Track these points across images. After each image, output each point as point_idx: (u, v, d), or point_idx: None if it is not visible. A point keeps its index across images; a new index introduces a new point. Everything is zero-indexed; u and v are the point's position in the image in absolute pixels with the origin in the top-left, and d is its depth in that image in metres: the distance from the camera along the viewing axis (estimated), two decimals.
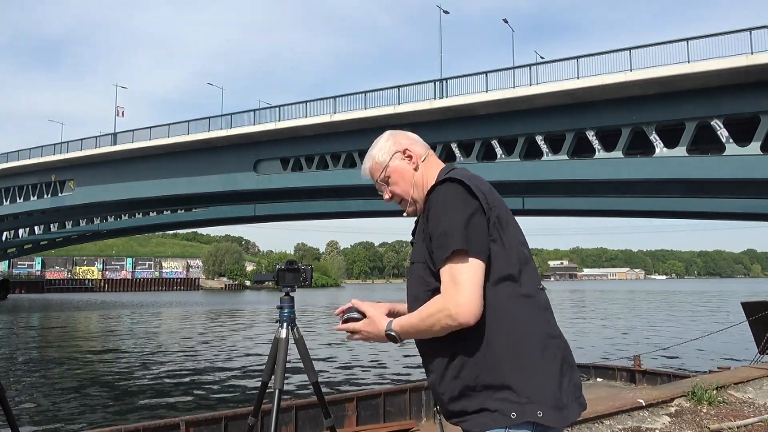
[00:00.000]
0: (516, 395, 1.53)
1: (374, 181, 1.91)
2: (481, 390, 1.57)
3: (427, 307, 1.61)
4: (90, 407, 11.13)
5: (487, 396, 1.56)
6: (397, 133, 1.92)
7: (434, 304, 1.59)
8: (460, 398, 1.60)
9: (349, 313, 1.78)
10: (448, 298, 1.56)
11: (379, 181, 1.88)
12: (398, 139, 1.88)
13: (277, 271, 2.81)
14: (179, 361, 17.19)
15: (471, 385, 1.58)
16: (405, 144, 1.87)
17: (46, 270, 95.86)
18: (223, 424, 6.08)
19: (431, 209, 1.64)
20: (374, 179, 1.90)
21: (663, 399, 5.18)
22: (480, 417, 1.56)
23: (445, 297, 1.57)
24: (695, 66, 20.46)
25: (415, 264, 1.72)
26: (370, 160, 1.90)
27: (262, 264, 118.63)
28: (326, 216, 45.94)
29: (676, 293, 77.54)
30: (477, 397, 1.57)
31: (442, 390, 1.63)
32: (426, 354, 1.70)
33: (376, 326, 1.73)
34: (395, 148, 1.86)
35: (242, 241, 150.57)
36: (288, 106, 32.36)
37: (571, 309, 43.82)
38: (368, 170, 1.91)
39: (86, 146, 40.96)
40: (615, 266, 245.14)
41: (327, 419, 2.89)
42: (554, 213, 38.74)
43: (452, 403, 1.62)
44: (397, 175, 1.84)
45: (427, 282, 1.66)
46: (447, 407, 1.64)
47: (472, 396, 1.58)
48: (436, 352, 1.65)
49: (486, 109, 25.40)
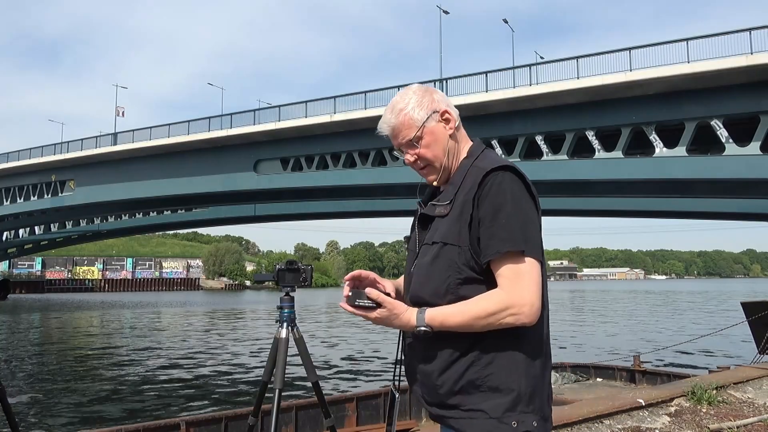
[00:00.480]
0: (521, 404, 1.48)
1: (398, 139, 1.65)
2: (486, 390, 1.48)
3: (483, 303, 1.47)
4: (90, 407, 11.13)
5: (488, 397, 1.48)
6: (431, 89, 1.68)
7: (495, 301, 1.46)
8: (459, 393, 1.50)
9: (359, 299, 1.56)
10: (515, 296, 1.45)
11: (406, 141, 1.64)
12: (435, 97, 1.65)
13: (277, 271, 2.81)
14: (179, 361, 17.18)
15: (478, 383, 1.49)
16: (443, 104, 1.65)
17: (47, 270, 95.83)
18: (223, 424, 6.08)
19: (491, 194, 1.49)
20: (400, 138, 1.65)
21: (663, 399, 5.18)
22: (477, 421, 1.48)
23: (511, 295, 1.45)
24: (695, 66, 20.47)
25: (447, 246, 1.52)
26: (399, 115, 1.63)
27: (262, 264, 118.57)
28: (326, 216, 45.96)
29: (676, 293, 77.53)
30: (478, 396, 1.49)
31: (443, 380, 1.51)
32: (435, 339, 1.52)
33: (399, 319, 1.52)
34: (434, 107, 1.63)
35: (242, 241, 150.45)
36: (288, 106, 32.39)
37: (572, 309, 43.81)
38: (394, 126, 1.64)
39: (86, 146, 40.99)
40: (615, 266, 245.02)
41: (327, 419, 2.89)
42: (554, 213, 38.74)
43: (450, 397, 1.51)
44: (431, 137, 1.62)
45: (460, 269, 1.50)
46: (442, 399, 1.53)
47: (473, 394, 1.49)
48: (450, 341, 1.51)
49: (486, 109, 25.40)
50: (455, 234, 1.51)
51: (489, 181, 1.50)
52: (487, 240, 1.48)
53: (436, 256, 1.53)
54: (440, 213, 1.57)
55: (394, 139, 1.66)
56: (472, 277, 1.51)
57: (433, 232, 1.58)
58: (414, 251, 1.66)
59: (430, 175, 1.66)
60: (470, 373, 1.49)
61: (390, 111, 1.65)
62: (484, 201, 1.49)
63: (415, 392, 1.64)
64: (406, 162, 1.68)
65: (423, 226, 1.64)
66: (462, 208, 1.52)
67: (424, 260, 1.57)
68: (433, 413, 1.58)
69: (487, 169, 1.52)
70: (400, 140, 1.65)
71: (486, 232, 1.48)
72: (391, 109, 1.65)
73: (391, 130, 1.65)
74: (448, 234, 1.52)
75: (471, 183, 1.54)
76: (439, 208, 1.58)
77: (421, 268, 1.57)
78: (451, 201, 1.56)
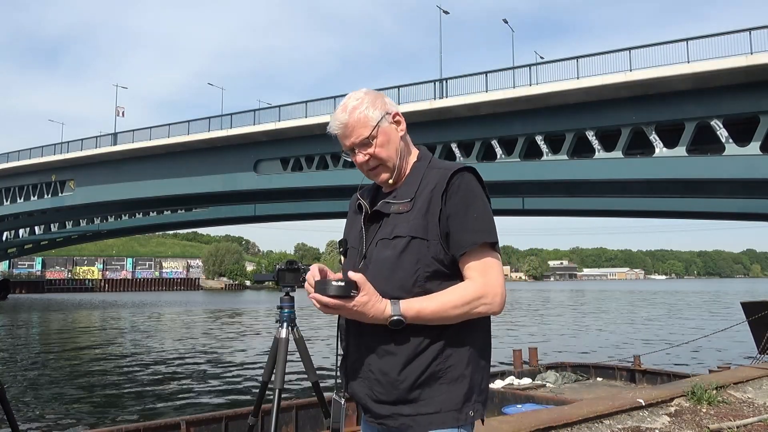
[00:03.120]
0: (475, 394, 1.55)
1: (350, 138, 1.64)
2: (445, 382, 1.51)
3: (460, 291, 1.51)
4: (90, 407, 11.13)
5: (447, 389, 1.51)
6: (381, 93, 1.72)
7: (471, 291, 1.51)
8: (419, 387, 1.51)
9: (330, 287, 1.44)
10: (488, 286, 1.52)
11: (361, 140, 1.63)
12: (386, 100, 1.70)
13: (277, 271, 2.81)
14: (179, 361, 17.18)
15: (439, 375, 1.51)
16: (394, 107, 1.70)
17: (47, 270, 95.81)
18: (223, 424, 6.09)
19: (460, 191, 1.55)
20: (353, 137, 1.64)
21: (663, 399, 5.18)
22: (436, 415, 1.50)
23: (485, 285, 1.52)
24: (695, 66, 20.47)
25: (414, 240, 1.53)
26: (354, 113, 1.63)
27: (262, 264, 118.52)
28: (326, 216, 45.91)
29: (676, 293, 77.51)
30: (437, 389, 1.51)
31: (405, 375, 1.50)
32: (397, 333, 1.50)
33: (375, 307, 1.48)
34: (386, 108, 1.67)
35: (242, 241, 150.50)
36: (288, 106, 32.38)
37: (572, 309, 43.81)
38: (347, 124, 1.64)
39: (86, 146, 40.97)
40: (615, 266, 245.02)
41: (327, 419, 2.89)
42: (554, 213, 38.75)
43: (410, 392, 1.51)
44: (385, 137, 1.64)
45: (429, 262, 1.53)
46: (400, 395, 1.51)
47: (432, 386, 1.51)
48: (415, 333, 1.51)
49: (486, 109, 25.40)
50: (422, 228, 1.55)
51: (456, 180, 1.57)
52: (460, 233, 1.54)
53: (403, 251, 1.54)
54: (399, 210, 1.60)
55: (346, 138, 1.65)
56: (440, 271, 1.55)
57: (390, 227, 1.59)
58: (357, 248, 1.67)
59: (381, 174, 1.67)
60: (433, 365, 1.51)
61: (342, 110, 1.66)
62: (453, 197, 1.55)
63: (357, 392, 1.60)
64: (356, 161, 1.67)
65: (372, 222, 1.66)
66: (429, 204, 1.56)
67: (386, 254, 1.57)
68: (379, 412, 1.55)
69: (452, 169, 1.58)
70: (353, 139, 1.64)
71: (458, 226, 1.54)
72: (343, 109, 1.66)
73: (344, 128, 1.65)
74: (414, 228, 1.55)
75: (434, 182, 1.59)
76: (396, 205, 1.61)
77: (383, 263, 1.56)
78: (412, 199, 1.60)
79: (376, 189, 1.75)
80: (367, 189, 1.79)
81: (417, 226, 1.55)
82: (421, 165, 1.67)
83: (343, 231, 1.82)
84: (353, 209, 1.78)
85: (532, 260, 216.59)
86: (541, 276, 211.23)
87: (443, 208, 1.55)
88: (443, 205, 1.55)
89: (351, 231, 1.74)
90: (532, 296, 69.27)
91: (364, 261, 1.62)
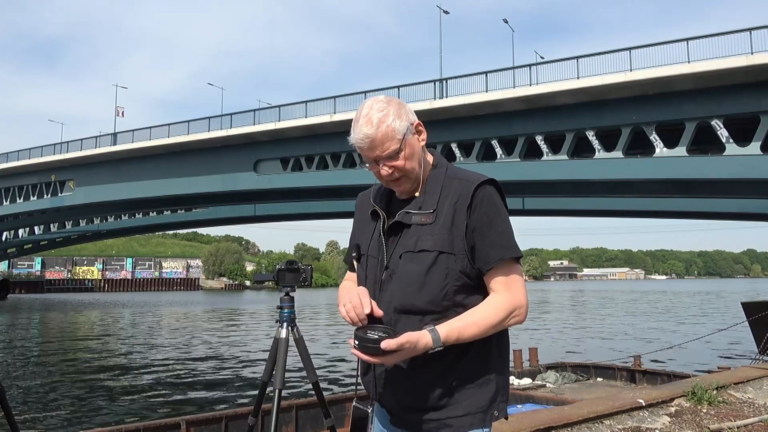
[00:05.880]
0: (500, 395, 1.62)
1: (376, 151, 1.58)
2: (474, 387, 1.57)
3: (493, 310, 1.54)
4: (90, 407, 11.13)
5: (475, 393, 1.57)
6: (400, 101, 1.65)
7: (503, 307, 1.55)
8: (451, 393, 1.56)
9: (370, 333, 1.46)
10: (516, 300, 1.58)
11: (387, 154, 1.57)
12: (408, 109, 1.63)
13: (277, 271, 2.81)
14: (179, 361, 17.18)
15: (470, 380, 1.58)
16: (414, 117, 1.64)
17: (46, 270, 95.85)
18: (223, 423, 6.08)
19: (483, 205, 1.56)
20: (379, 150, 1.57)
21: (663, 399, 5.18)
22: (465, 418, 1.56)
23: (513, 299, 1.57)
24: (695, 66, 20.45)
25: (442, 254, 1.54)
26: (381, 126, 1.56)
27: (262, 264, 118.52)
28: (326, 216, 45.90)
29: (676, 293, 77.48)
30: (466, 392, 1.57)
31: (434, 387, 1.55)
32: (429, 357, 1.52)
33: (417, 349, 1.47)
34: (410, 118, 1.61)
35: (242, 241, 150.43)
36: (288, 106, 32.35)
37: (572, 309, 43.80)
38: (374, 138, 1.56)
39: (86, 146, 40.95)
40: (615, 266, 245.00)
41: (327, 419, 2.89)
42: (554, 213, 38.72)
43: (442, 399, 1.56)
44: (410, 149, 1.60)
45: (457, 276, 1.55)
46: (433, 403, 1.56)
47: (461, 391, 1.57)
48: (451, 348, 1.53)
49: (486, 109, 25.39)
50: (448, 243, 1.55)
51: (480, 194, 1.57)
52: (486, 248, 1.56)
53: (432, 265, 1.54)
54: (421, 221, 1.58)
55: (371, 150, 1.58)
56: (467, 284, 1.57)
57: (412, 239, 1.58)
58: (377, 258, 1.64)
59: (402, 185, 1.63)
60: (462, 373, 1.57)
61: (367, 123, 1.56)
62: (476, 211, 1.56)
63: (385, 400, 1.64)
64: (381, 173, 1.61)
65: (393, 233, 1.63)
66: (453, 218, 1.56)
67: (413, 268, 1.56)
68: (409, 419, 1.59)
69: (476, 182, 1.58)
70: (379, 153, 1.57)
71: (484, 241, 1.56)
72: (367, 121, 1.56)
73: (370, 142, 1.56)
74: (440, 243, 1.55)
75: (457, 194, 1.58)
76: (419, 216, 1.59)
77: (411, 276, 1.56)
78: (434, 210, 1.58)
79: (389, 193, 1.71)
80: (380, 194, 1.73)
81: (443, 240, 1.55)
82: (439, 173, 1.65)
83: (350, 234, 1.79)
84: (365, 214, 1.73)
85: (533, 260, 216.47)
86: (541, 276, 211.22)
87: (468, 222, 1.56)
88: (468, 219, 1.56)
89: (364, 237, 1.71)
90: (533, 296, 69.28)
91: (387, 271, 1.61)
